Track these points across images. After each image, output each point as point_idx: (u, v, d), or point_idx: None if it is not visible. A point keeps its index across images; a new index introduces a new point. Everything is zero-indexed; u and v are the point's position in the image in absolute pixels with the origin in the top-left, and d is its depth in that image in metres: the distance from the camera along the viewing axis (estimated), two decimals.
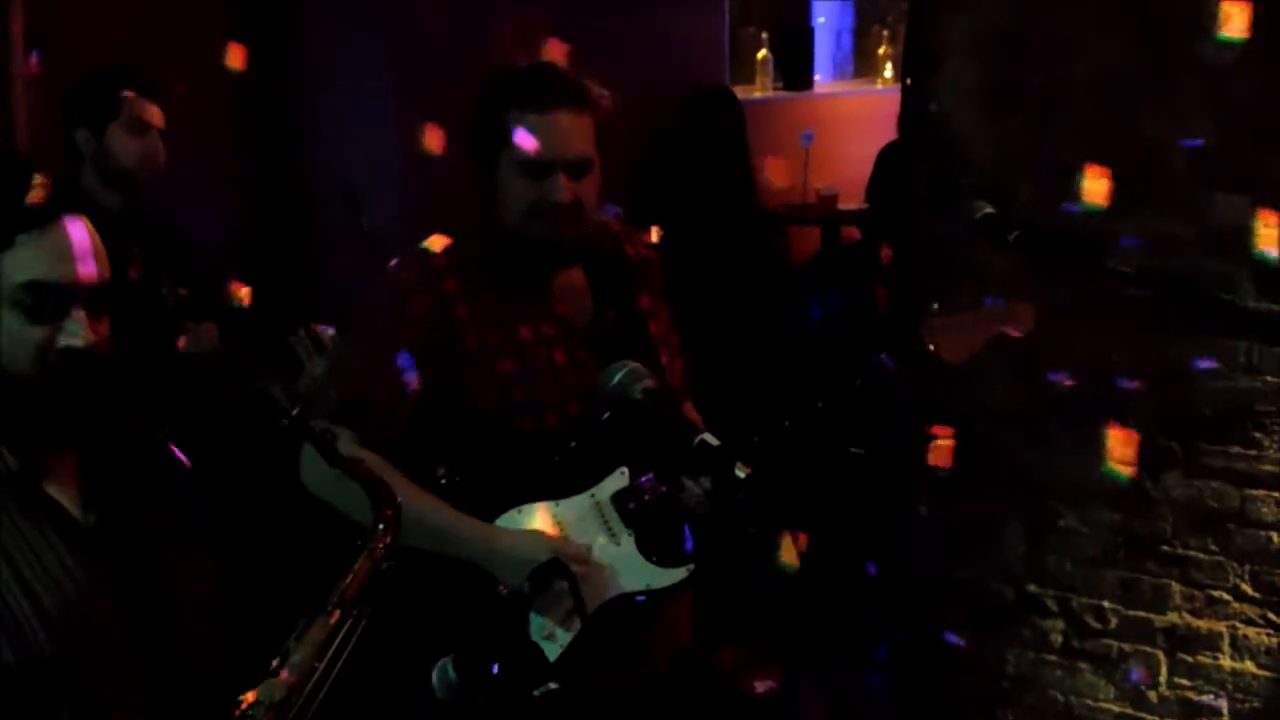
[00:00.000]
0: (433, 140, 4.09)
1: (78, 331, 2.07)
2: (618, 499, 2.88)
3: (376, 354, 2.90)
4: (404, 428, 2.87)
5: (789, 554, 2.54)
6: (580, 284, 3.01)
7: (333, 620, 2.07)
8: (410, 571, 2.81)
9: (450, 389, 2.88)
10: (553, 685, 2.70)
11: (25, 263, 2.06)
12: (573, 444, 2.89)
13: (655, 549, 2.88)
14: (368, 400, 2.87)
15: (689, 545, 2.92)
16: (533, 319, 2.94)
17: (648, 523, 2.88)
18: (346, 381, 2.94)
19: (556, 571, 2.73)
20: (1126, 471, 3.82)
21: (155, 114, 4.16)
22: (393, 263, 3.06)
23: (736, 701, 4.54)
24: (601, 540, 2.85)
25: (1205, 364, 3.72)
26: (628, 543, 2.86)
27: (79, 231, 2.10)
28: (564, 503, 2.87)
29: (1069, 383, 3.87)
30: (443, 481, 2.88)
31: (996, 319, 3.05)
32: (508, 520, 2.85)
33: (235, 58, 5.00)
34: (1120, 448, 3.79)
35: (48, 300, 2.07)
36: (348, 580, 2.10)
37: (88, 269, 2.10)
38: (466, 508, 2.85)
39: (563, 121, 2.85)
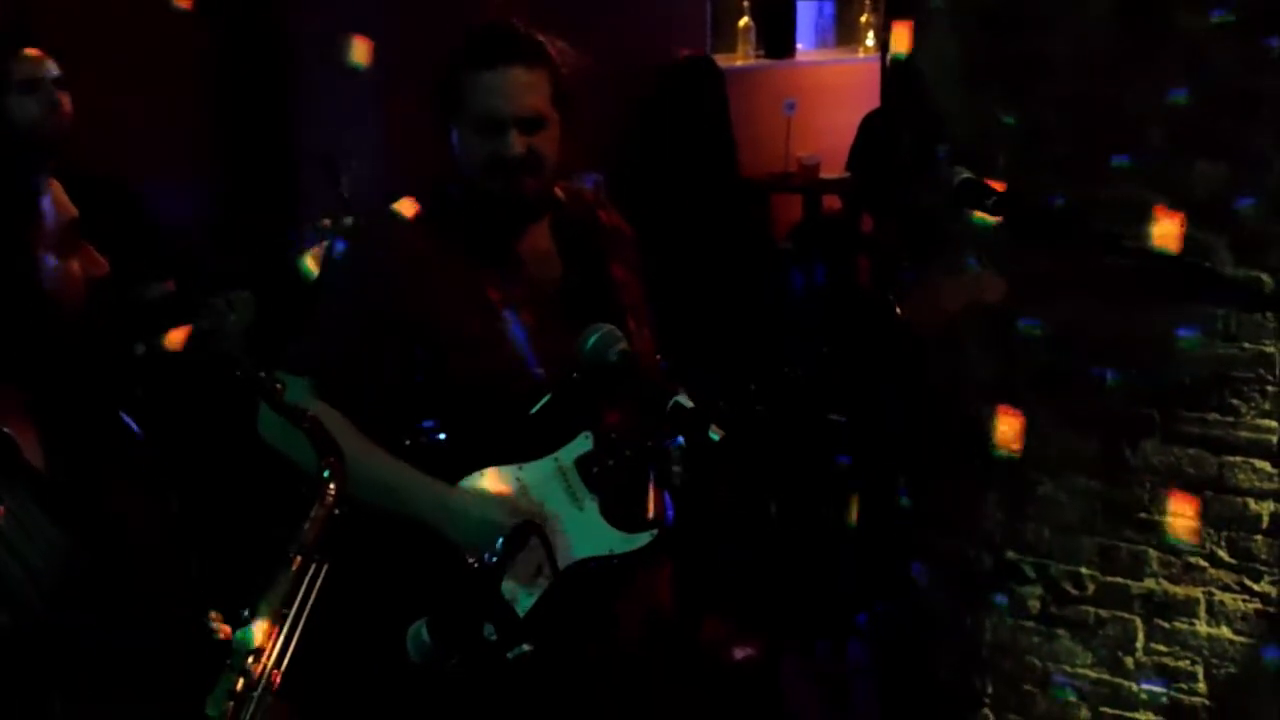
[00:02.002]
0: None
1: (98, 262, 2.19)
2: (581, 463, 2.88)
3: (341, 311, 2.91)
4: (361, 386, 2.87)
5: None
6: (549, 248, 3.01)
7: (295, 567, 2.13)
8: (384, 535, 2.84)
9: (418, 351, 2.89)
10: (526, 647, 2.71)
11: (58, 201, 2.15)
12: (537, 407, 2.90)
13: (618, 514, 2.89)
14: (327, 354, 2.88)
15: (652, 511, 2.93)
16: (501, 281, 2.94)
17: (611, 487, 2.89)
18: (308, 333, 2.94)
19: (530, 532, 2.74)
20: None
21: (47, 66, 4.05)
22: (360, 222, 3.08)
23: (719, 674, 4.56)
24: (564, 504, 2.86)
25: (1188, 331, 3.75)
26: (590, 507, 2.86)
27: None
28: (527, 466, 2.87)
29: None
30: (408, 444, 2.88)
31: (968, 287, 3.06)
32: (470, 483, 2.85)
33: None
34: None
35: (75, 235, 2.17)
36: (305, 528, 2.16)
37: None
38: (430, 470, 2.86)
39: (514, 77, 2.86)
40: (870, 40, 8.98)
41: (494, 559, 2.69)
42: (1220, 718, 3.83)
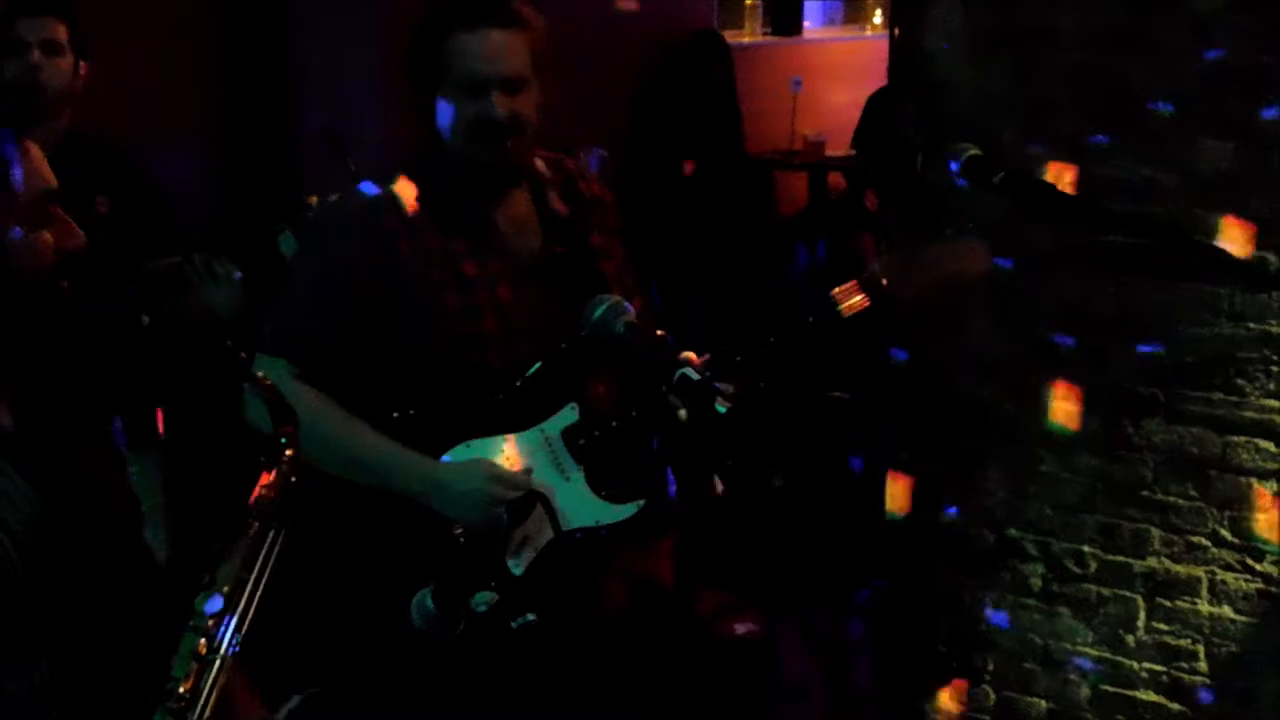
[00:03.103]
0: None
1: (74, 234, 2.21)
2: (568, 435, 2.89)
3: (316, 290, 2.90)
4: (342, 364, 2.86)
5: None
6: (529, 218, 3.00)
7: (253, 532, 2.17)
8: (389, 505, 2.84)
9: (396, 326, 2.88)
10: (531, 616, 2.71)
11: (32, 174, 2.16)
12: (521, 380, 2.89)
13: (605, 485, 2.90)
14: (305, 335, 2.87)
15: (642, 484, 2.93)
16: (479, 254, 2.93)
17: (598, 459, 2.89)
18: (284, 313, 2.94)
19: (534, 500, 2.75)
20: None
21: (37, 27, 3.94)
22: (333, 198, 3.07)
23: (716, 647, 4.56)
24: (550, 476, 2.86)
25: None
26: (577, 479, 2.87)
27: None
28: (513, 438, 2.88)
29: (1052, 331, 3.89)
30: (395, 416, 2.87)
31: (950, 257, 3.04)
32: (456, 455, 2.86)
33: None
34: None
35: (48, 208, 2.19)
36: (262, 494, 2.20)
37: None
38: (415, 443, 2.86)
39: (495, 39, 2.86)
40: (878, 18, 8.97)
41: (501, 524, 2.70)
42: (1221, 697, 3.83)
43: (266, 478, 2.21)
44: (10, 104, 3.95)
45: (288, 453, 2.22)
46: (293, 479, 2.21)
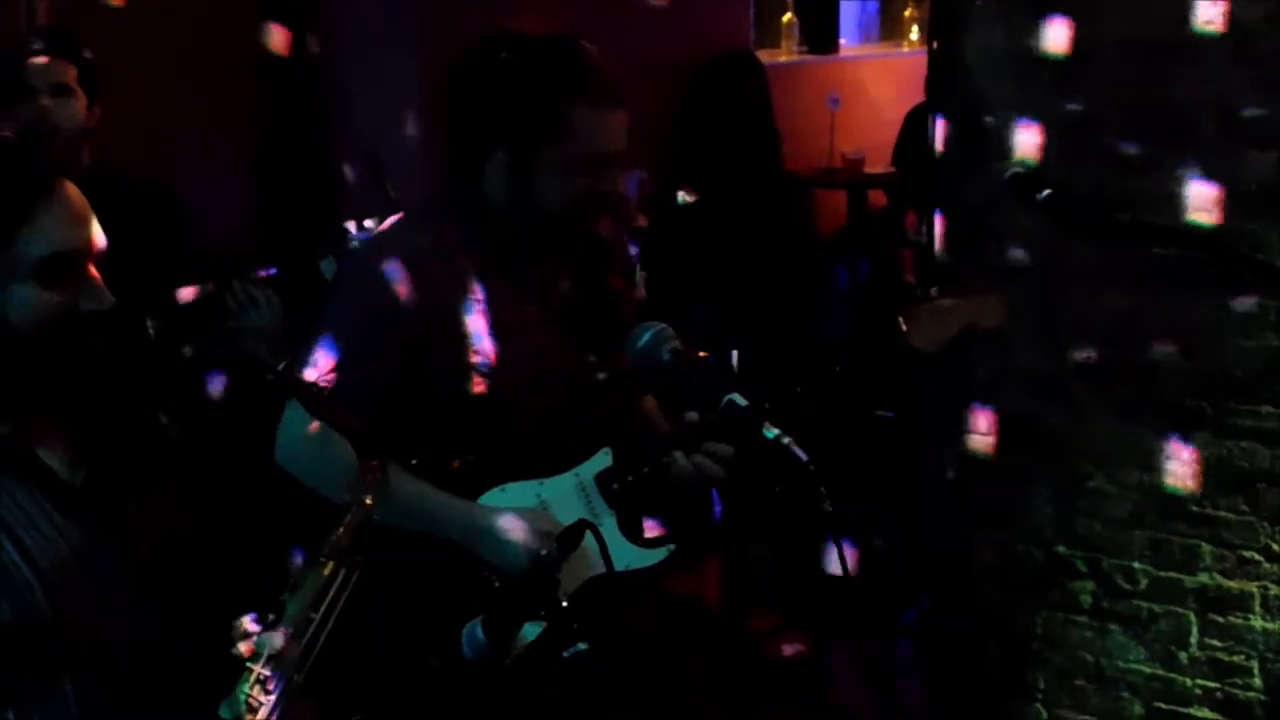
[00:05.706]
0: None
1: (98, 296, 2.12)
2: (601, 479, 2.88)
3: (350, 335, 2.84)
4: (376, 410, 2.74)
5: None
6: (555, 263, 2.98)
7: (326, 571, 2.09)
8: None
9: (433, 372, 2.85)
10: (582, 646, 2.70)
11: (44, 234, 2.08)
12: (556, 423, 2.87)
13: (637, 530, 2.89)
14: (340, 380, 2.81)
15: (672, 530, 2.92)
16: (516, 301, 2.91)
17: (630, 504, 2.88)
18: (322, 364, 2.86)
19: (584, 529, 2.73)
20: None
21: (46, 72, 3.96)
22: (375, 240, 3.06)
23: (765, 667, 4.55)
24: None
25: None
26: (609, 523, 2.85)
27: (77, 195, 2.14)
28: (548, 482, 2.87)
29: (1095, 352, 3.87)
30: (414, 463, 2.84)
31: (968, 311, 3.04)
32: (490, 499, 2.85)
33: (278, 41, 5.00)
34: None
35: (67, 268, 2.10)
36: (339, 532, 2.11)
37: (96, 233, 2.14)
38: (451, 487, 2.84)
39: (619, 118, 2.84)
40: (914, 34, 8.94)
41: (552, 556, 2.69)
42: (1276, 713, 3.79)
43: (345, 515, 2.12)
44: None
45: (372, 490, 2.12)
46: (371, 518, 2.12)
